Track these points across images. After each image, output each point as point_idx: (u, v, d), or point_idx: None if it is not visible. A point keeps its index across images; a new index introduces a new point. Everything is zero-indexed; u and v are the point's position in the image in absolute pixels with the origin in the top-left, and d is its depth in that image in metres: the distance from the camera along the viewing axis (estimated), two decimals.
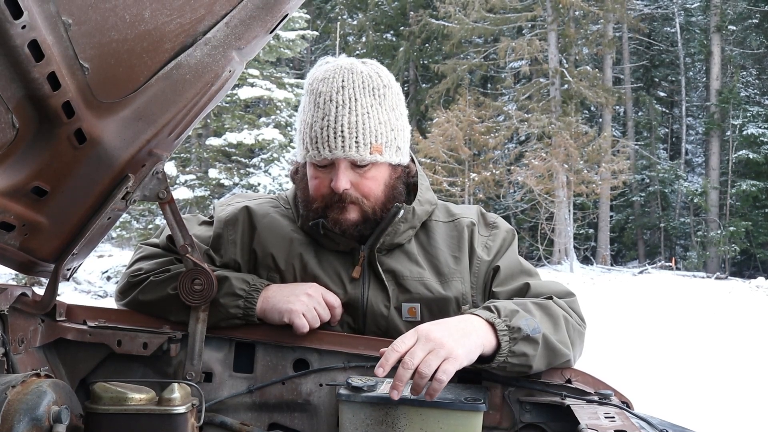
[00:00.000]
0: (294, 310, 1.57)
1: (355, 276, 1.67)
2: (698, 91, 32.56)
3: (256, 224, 1.74)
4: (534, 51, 23.25)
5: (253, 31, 1.28)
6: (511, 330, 1.47)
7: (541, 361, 1.51)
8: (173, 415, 1.24)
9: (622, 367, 7.03)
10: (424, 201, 1.73)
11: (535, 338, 1.48)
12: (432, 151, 21.85)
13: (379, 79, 1.61)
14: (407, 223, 1.69)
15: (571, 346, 1.58)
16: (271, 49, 14.61)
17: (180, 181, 14.74)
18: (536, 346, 1.49)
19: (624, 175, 22.53)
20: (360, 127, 1.56)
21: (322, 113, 1.57)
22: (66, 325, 1.58)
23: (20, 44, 1.00)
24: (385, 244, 1.68)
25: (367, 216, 1.63)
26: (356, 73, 1.59)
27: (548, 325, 1.54)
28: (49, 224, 1.38)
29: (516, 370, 1.49)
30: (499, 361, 1.46)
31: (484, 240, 1.74)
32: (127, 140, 1.32)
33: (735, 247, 24.56)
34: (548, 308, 1.59)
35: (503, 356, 1.45)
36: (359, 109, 1.56)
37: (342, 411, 1.38)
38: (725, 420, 5.46)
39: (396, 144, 1.62)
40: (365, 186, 1.61)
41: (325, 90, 1.58)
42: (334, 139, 1.55)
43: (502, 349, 1.45)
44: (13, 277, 10.06)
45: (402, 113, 1.66)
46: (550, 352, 1.52)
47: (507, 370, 1.49)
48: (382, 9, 30.01)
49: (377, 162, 1.60)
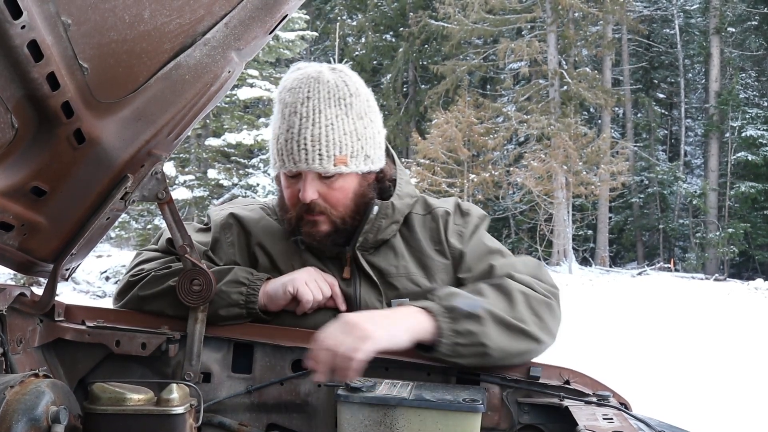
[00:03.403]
0: (297, 278, 1.61)
1: (346, 276, 1.68)
2: (697, 93, 32.57)
3: (249, 229, 1.75)
4: (533, 52, 23.25)
5: (253, 31, 1.28)
6: (448, 310, 1.49)
7: (499, 338, 1.50)
8: (172, 416, 1.24)
9: (621, 368, 7.03)
10: (404, 195, 1.72)
11: (476, 314, 1.49)
12: (431, 152, 21.84)
13: (346, 87, 1.60)
14: (389, 219, 1.68)
15: (537, 318, 1.57)
16: (270, 50, 14.62)
17: (179, 181, 14.73)
18: (481, 321, 1.49)
19: (623, 177, 22.52)
20: (323, 139, 1.56)
21: (287, 125, 1.58)
22: (64, 326, 1.58)
23: (20, 44, 1.00)
24: (369, 241, 1.68)
25: (336, 226, 1.64)
26: (322, 82, 1.58)
27: (502, 304, 1.54)
28: (48, 224, 1.38)
29: (473, 352, 1.49)
30: (447, 343, 1.47)
31: (457, 228, 1.74)
32: (127, 140, 1.32)
33: (734, 248, 24.57)
34: (502, 286, 1.58)
35: (448, 338, 1.47)
36: (323, 120, 1.56)
37: (340, 411, 1.38)
38: (724, 421, 5.47)
39: (364, 153, 1.62)
40: (332, 197, 1.62)
41: (290, 101, 1.59)
42: (298, 152, 1.56)
43: (443, 330, 1.47)
44: (11, 277, 10.04)
45: (372, 120, 1.65)
46: (505, 328, 1.51)
47: (462, 354, 1.49)
48: (381, 10, 30.02)
49: (343, 173, 1.60)
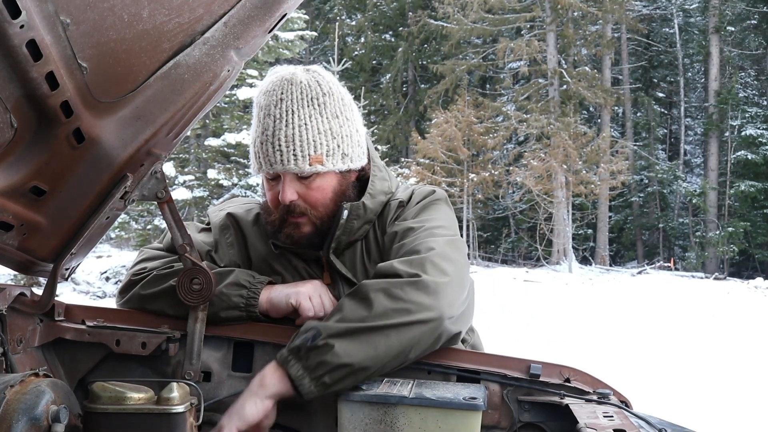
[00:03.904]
0: (302, 292, 1.60)
1: (327, 282, 1.69)
2: (697, 92, 32.56)
3: (245, 230, 1.76)
4: (533, 51, 23.24)
5: (252, 30, 1.28)
6: (292, 352, 1.41)
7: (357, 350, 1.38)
8: (172, 415, 1.24)
9: (621, 366, 7.03)
10: (377, 193, 1.71)
11: (319, 345, 1.39)
12: (431, 152, 21.84)
13: (319, 87, 1.60)
14: (360, 219, 1.68)
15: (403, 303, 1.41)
16: (269, 50, 14.60)
17: (179, 181, 14.71)
18: (327, 346, 1.38)
19: (623, 176, 22.50)
20: (297, 139, 1.56)
21: (262, 128, 1.59)
22: (64, 325, 1.59)
23: (18, 44, 1.00)
24: (342, 244, 1.68)
25: (317, 227, 1.64)
26: (295, 83, 1.59)
27: (358, 311, 1.42)
28: (48, 224, 1.38)
29: (339, 376, 1.38)
30: (307, 384, 1.39)
31: (399, 212, 1.70)
32: (126, 140, 1.32)
33: (733, 247, 24.54)
34: (358, 292, 1.46)
35: (305, 378, 1.39)
36: (296, 121, 1.57)
37: (341, 410, 1.39)
38: (724, 419, 5.47)
39: (341, 151, 1.61)
40: (311, 197, 1.62)
41: (265, 104, 1.60)
42: (273, 153, 1.57)
43: (296, 374, 1.39)
44: (11, 277, 10.05)
45: (348, 118, 1.64)
46: (360, 335, 1.39)
47: (333, 383, 1.38)
48: (380, 9, 30.01)
49: (320, 172, 1.60)
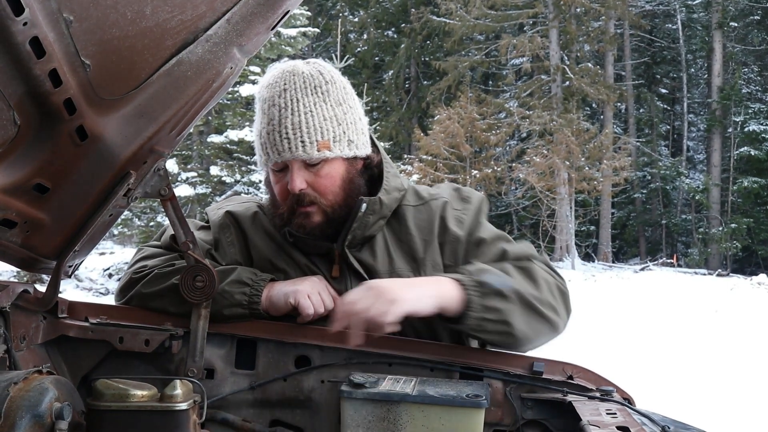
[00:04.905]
0: (300, 290, 1.60)
1: (335, 275, 1.68)
2: (700, 88, 32.48)
3: (245, 229, 1.76)
4: (535, 48, 23.18)
5: (255, 27, 1.28)
6: (478, 284, 1.52)
7: (521, 320, 1.53)
8: (175, 412, 1.24)
9: (624, 363, 7.03)
10: (392, 189, 1.71)
11: (505, 292, 1.51)
12: (433, 148, 21.80)
13: (321, 76, 1.62)
14: (376, 215, 1.68)
15: (557, 305, 1.61)
16: (272, 47, 14.58)
17: (181, 178, 14.71)
18: (509, 300, 1.52)
19: (625, 172, 22.47)
20: (304, 126, 1.57)
21: (268, 119, 1.60)
22: (68, 322, 1.59)
23: (21, 41, 1.00)
24: (357, 238, 1.68)
25: (328, 216, 1.64)
26: (297, 74, 1.61)
27: (529, 287, 1.57)
28: (51, 221, 1.38)
29: (495, 329, 1.53)
30: (474, 316, 1.50)
31: (457, 214, 1.73)
32: (129, 137, 1.32)
33: (736, 244, 24.51)
34: (529, 270, 1.62)
35: (476, 312, 1.50)
36: (302, 108, 1.58)
37: (344, 407, 1.39)
38: (727, 416, 5.47)
39: (347, 137, 1.62)
40: (320, 184, 1.62)
41: (268, 96, 1.61)
42: (281, 141, 1.58)
43: (472, 303, 1.50)
44: (14, 274, 10.07)
45: (351, 106, 1.66)
46: (529, 310, 1.54)
47: (487, 330, 1.53)
48: (383, 6, 29.97)
49: (328, 158, 1.60)
